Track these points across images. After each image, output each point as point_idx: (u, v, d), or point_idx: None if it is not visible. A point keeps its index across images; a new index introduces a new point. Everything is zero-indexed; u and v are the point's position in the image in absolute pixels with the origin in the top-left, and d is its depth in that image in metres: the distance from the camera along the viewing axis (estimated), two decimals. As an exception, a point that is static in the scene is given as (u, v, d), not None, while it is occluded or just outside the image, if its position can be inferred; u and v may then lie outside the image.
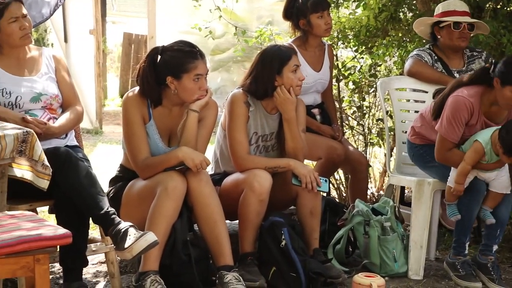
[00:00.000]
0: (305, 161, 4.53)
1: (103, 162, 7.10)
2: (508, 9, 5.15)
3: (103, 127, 10.36)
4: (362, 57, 5.84)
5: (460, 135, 4.14)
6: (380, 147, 5.92)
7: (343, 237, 4.36)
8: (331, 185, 5.29)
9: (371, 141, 5.84)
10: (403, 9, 5.58)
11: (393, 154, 4.93)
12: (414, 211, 4.33)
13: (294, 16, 4.87)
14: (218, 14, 5.76)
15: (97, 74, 10.06)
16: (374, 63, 5.77)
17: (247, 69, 4.28)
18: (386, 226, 4.28)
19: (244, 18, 10.52)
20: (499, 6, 5.14)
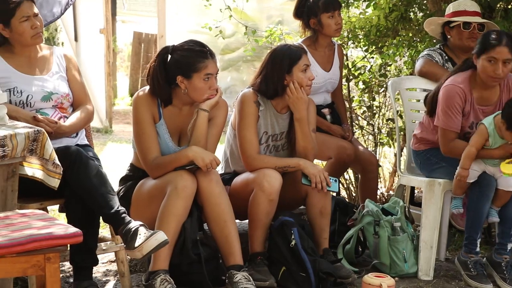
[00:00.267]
0: (315, 160, 4.52)
1: (113, 161, 7.12)
2: (519, 9, 5.14)
3: (113, 126, 10.39)
4: (372, 57, 5.83)
5: (459, 124, 4.18)
6: (390, 147, 5.91)
7: (353, 237, 4.36)
8: (340, 185, 5.28)
9: (381, 141, 5.83)
10: (414, 9, 5.57)
11: (403, 154, 4.92)
12: (424, 211, 4.32)
13: (305, 15, 4.86)
14: (228, 13, 5.76)
15: (107, 73, 10.08)
16: (384, 63, 5.76)
17: (257, 69, 4.29)
18: (396, 226, 4.28)
19: (254, 18, 10.53)
20: (510, 6, 5.12)
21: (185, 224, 3.77)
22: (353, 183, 5.67)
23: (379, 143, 5.81)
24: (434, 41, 5.15)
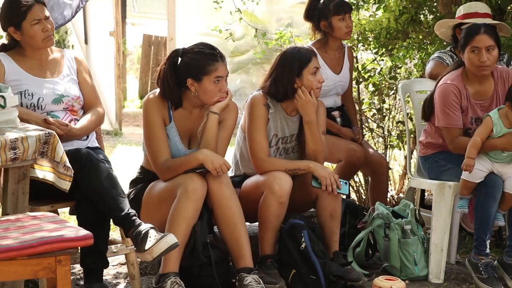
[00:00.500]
0: (325, 163, 4.52)
1: (123, 163, 7.13)
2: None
3: (122, 129, 10.42)
4: (382, 59, 5.82)
5: (460, 119, 4.21)
6: (400, 149, 5.90)
7: (363, 240, 4.35)
8: (351, 188, 5.27)
9: (391, 143, 5.82)
10: (424, 11, 5.56)
11: (413, 157, 4.91)
12: (435, 214, 4.31)
13: (315, 17, 4.86)
14: (238, 16, 5.76)
15: (117, 76, 10.11)
16: (394, 65, 5.75)
17: (266, 71, 4.28)
18: (406, 229, 4.27)
19: (263, 20, 10.54)
20: (521, 8, 5.11)
21: (195, 226, 3.77)
22: (363, 185, 5.66)
23: (389, 146, 5.81)
24: (445, 43, 5.13)
